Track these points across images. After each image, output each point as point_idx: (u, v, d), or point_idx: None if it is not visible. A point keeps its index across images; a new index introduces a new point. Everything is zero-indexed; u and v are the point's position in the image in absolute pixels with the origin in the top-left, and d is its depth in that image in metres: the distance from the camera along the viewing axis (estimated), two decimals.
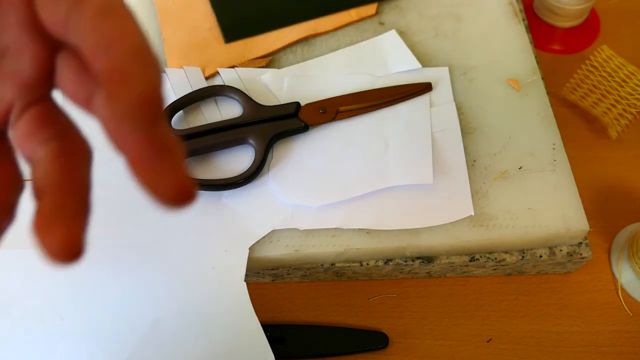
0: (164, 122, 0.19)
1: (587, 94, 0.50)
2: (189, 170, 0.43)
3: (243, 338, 0.38)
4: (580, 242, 0.42)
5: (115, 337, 0.37)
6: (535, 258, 0.41)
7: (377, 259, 0.42)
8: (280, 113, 0.44)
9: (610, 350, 0.42)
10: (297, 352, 0.41)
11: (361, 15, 0.51)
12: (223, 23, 0.51)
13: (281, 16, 0.51)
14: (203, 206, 0.41)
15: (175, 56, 0.49)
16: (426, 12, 0.52)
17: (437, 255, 0.41)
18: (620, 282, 0.44)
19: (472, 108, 0.46)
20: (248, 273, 0.42)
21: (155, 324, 0.38)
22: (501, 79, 0.47)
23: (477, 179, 0.42)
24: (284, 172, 0.43)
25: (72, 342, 0.37)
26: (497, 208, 0.41)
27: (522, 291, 0.44)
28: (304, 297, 0.44)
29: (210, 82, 0.48)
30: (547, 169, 0.43)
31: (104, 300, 0.38)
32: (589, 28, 0.58)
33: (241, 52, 0.49)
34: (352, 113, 0.45)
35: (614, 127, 0.49)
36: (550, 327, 0.42)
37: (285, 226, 0.41)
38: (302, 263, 0.41)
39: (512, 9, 0.51)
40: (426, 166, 0.42)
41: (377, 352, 0.42)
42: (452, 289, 0.44)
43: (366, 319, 0.43)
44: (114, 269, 0.39)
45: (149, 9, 0.53)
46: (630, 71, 0.47)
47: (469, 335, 0.42)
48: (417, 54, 0.49)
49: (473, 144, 0.44)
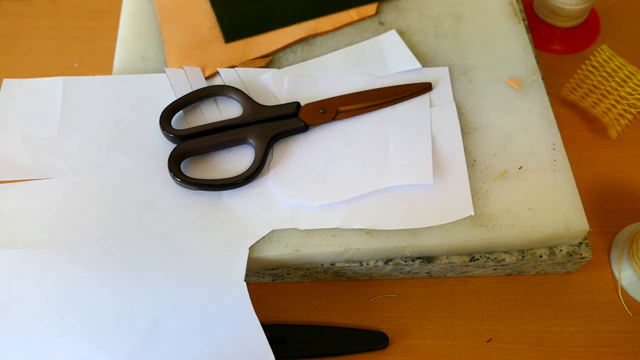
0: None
1: (587, 94, 0.50)
2: (189, 170, 0.43)
3: (243, 338, 0.37)
4: (580, 242, 0.42)
5: (115, 337, 0.37)
6: (535, 258, 0.41)
7: (377, 259, 0.42)
8: (280, 113, 0.44)
9: (610, 350, 0.42)
10: (297, 352, 0.41)
11: (361, 15, 0.51)
12: (223, 23, 0.51)
13: (281, 16, 0.51)
14: (203, 206, 0.41)
15: (175, 56, 0.49)
16: (426, 12, 0.52)
17: (437, 255, 0.41)
18: (620, 282, 0.44)
19: (472, 108, 0.46)
20: (248, 273, 0.42)
21: (156, 324, 0.38)
22: (501, 79, 0.47)
23: (477, 179, 0.42)
24: (284, 172, 0.43)
25: (72, 342, 0.37)
26: (497, 208, 0.41)
27: (522, 291, 0.44)
28: (304, 297, 0.44)
29: (210, 82, 0.48)
30: (547, 169, 0.43)
31: (104, 300, 0.38)
32: (589, 28, 0.58)
33: (241, 52, 0.49)
34: (352, 113, 0.45)
35: (614, 127, 0.49)
36: (550, 327, 0.42)
37: (285, 226, 0.41)
38: (302, 263, 0.41)
39: (512, 9, 0.51)
40: (426, 166, 0.42)
41: (377, 352, 0.42)
42: (452, 289, 0.44)
43: (366, 319, 0.43)
44: (114, 268, 0.39)
45: (149, 9, 0.53)
46: (630, 71, 0.47)
47: (469, 335, 0.42)
48: (417, 54, 0.49)
49: (473, 144, 0.44)
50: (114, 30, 0.53)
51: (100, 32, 0.59)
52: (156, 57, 0.49)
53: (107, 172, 0.43)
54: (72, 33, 0.59)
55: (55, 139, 0.45)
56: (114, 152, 0.44)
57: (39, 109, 0.46)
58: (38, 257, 0.40)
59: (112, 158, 0.44)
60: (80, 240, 0.40)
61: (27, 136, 0.45)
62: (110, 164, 0.44)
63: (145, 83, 0.47)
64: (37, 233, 0.41)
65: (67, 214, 0.41)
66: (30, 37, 0.59)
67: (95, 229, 0.41)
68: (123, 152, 0.44)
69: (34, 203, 0.42)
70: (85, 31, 0.59)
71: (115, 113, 0.46)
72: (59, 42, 0.59)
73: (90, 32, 0.59)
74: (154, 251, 0.40)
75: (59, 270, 0.39)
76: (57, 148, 0.44)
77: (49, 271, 0.39)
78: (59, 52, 0.58)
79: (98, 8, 0.61)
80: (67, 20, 0.60)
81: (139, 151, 0.44)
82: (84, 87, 0.47)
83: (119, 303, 0.38)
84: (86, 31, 0.59)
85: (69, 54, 0.58)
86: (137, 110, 0.46)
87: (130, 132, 0.45)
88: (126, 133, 0.45)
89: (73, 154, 0.44)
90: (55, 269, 0.39)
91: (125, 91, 0.47)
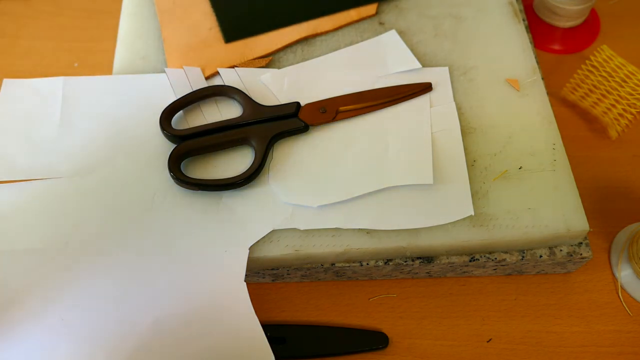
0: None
1: (587, 94, 0.50)
2: (189, 170, 0.43)
3: (243, 338, 0.37)
4: (580, 242, 0.42)
5: (115, 337, 0.37)
6: (535, 258, 0.41)
7: (377, 259, 0.42)
8: (280, 113, 0.44)
9: (610, 350, 0.42)
10: (297, 352, 0.41)
11: (361, 15, 0.51)
12: (223, 23, 0.51)
13: (281, 16, 0.51)
14: (203, 206, 0.41)
15: (175, 56, 0.49)
16: (426, 12, 0.52)
17: (437, 255, 0.41)
18: (620, 282, 0.44)
19: (472, 108, 0.46)
20: (248, 273, 0.42)
21: (156, 324, 0.38)
22: (501, 79, 0.47)
23: (477, 179, 0.42)
24: (284, 172, 0.43)
25: (72, 342, 0.37)
26: (497, 208, 0.41)
27: (522, 291, 0.44)
28: (304, 297, 0.44)
29: (210, 82, 0.48)
30: (547, 169, 0.43)
31: (104, 300, 0.38)
32: (589, 28, 0.58)
33: (241, 52, 0.49)
34: (352, 113, 0.45)
35: (614, 127, 0.49)
36: (550, 327, 0.42)
37: (285, 226, 0.41)
38: (302, 263, 0.41)
39: (512, 9, 0.51)
40: (426, 166, 0.42)
41: (377, 352, 0.42)
42: (452, 289, 0.44)
43: (366, 319, 0.43)
44: (114, 268, 0.39)
45: (149, 9, 0.53)
46: (630, 71, 0.47)
47: (469, 335, 0.42)
48: (417, 54, 0.49)
49: (473, 144, 0.44)
50: (114, 30, 0.53)
51: (100, 32, 0.59)
52: (156, 57, 0.49)
53: (107, 172, 0.43)
54: (72, 33, 0.59)
55: (55, 139, 0.45)
56: (114, 152, 0.44)
57: (39, 109, 0.46)
58: (38, 257, 0.40)
59: (111, 158, 0.44)
60: (80, 240, 0.40)
61: (27, 136, 0.45)
62: (110, 164, 0.44)
63: (145, 83, 0.47)
64: (37, 233, 0.41)
65: (67, 214, 0.41)
66: (30, 37, 0.59)
67: (95, 229, 0.41)
68: (123, 152, 0.44)
69: (34, 203, 0.42)
70: (85, 31, 0.59)
71: (115, 113, 0.46)
72: (59, 42, 0.59)
73: (90, 32, 0.59)
74: (153, 251, 0.40)
75: (59, 270, 0.39)
76: (57, 148, 0.44)
77: (49, 271, 0.39)
78: (59, 52, 0.58)
79: (98, 8, 0.61)
80: (67, 20, 0.60)
81: (138, 151, 0.44)
82: (84, 87, 0.47)
83: (119, 303, 0.38)
84: (86, 31, 0.59)
85: (69, 54, 0.58)
86: (137, 110, 0.46)
87: (130, 132, 0.45)
88: (126, 133, 0.45)
89: (73, 154, 0.44)
90: (55, 269, 0.39)
91: (125, 91, 0.47)
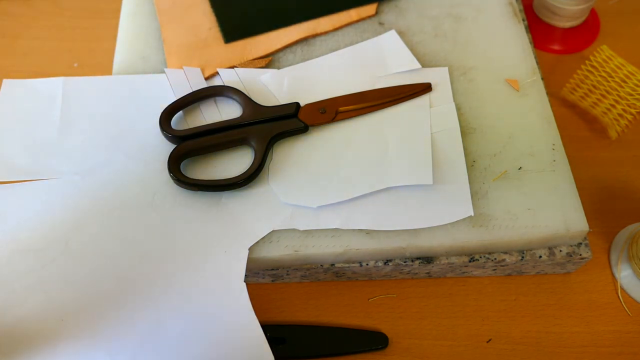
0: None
1: (587, 94, 0.50)
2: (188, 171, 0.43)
3: (243, 338, 0.37)
4: (580, 242, 0.42)
5: (115, 337, 0.37)
6: (535, 258, 0.41)
7: (376, 260, 0.42)
8: (280, 113, 0.44)
9: (610, 351, 0.42)
10: (297, 352, 0.41)
11: (361, 15, 0.51)
12: (223, 23, 0.51)
13: (281, 16, 0.51)
14: (203, 207, 0.41)
15: (175, 56, 0.49)
16: (426, 12, 0.52)
17: (437, 255, 0.41)
18: (619, 282, 0.44)
19: (472, 108, 0.46)
20: (248, 273, 0.42)
21: (156, 324, 0.38)
22: (501, 79, 0.47)
23: (477, 179, 0.42)
24: (284, 172, 0.43)
25: (72, 342, 0.37)
26: (496, 208, 0.41)
27: (522, 291, 0.44)
28: (304, 297, 0.44)
29: (210, 83, 0.48)
30: (547, 169, 0.43)
31: (104, 300, 0.38)
32: (589, 28, 0.58)
33: (241, 52, 0.49)
34: (352, 113, 0.45)
35: (614, 127, 0.49)
36: (550, 327, 0.42)
37: (285, 226, 0.41)
38: (302, 263, 0.41)
39: (512, 9, 0.51)
40: (426, 166, 0.42)
41: (377, 352, 0.42)
42: (452, 289, 0.44)
43: (366, 319, 0.43)
44: (113, 269, 0.39)
45: (149, 9, 0.53)
46: (630, 71, 0.47)
47: (469, 335, 0.42)
48: (417, 54, 0.49)
49: (473, 144, 0.44)
50: (114, 30, 0.53)
51: (100, 32, 0.59)
52: (156, 57, 0.49)
53: (107, 172, 0.43)
54: (72, 33, 0.59)
55: (55, 139, 0.45)
56: (114, 152, 0.44)
57: (39, 109, 0.46)
58: (38, 257, 0.40)
59: (112, 158, 0.44)
60: (80, 240, 0.40)
61: (27, 136, 0.45)
62: (110, 164, 0.44)
63: (145, 83, 0.47)
64: (37, 233, 0.41)
65: (67, 214, 0.41)
66: (30, 37, 0.59)
67: (95, 229, 0.41)
68: (123, 152, 0.44)
69: (34, 203, 0.42)
70: (85, 31, 0.59)
71: (115, 113, 0.46)
72: (59, 42, 0.59)
73: (90, 32, 0.59)
74: (153, 251, 0.40)
75: (59, 270, 0.39)
76: (57, 148, 0.44)
77: (49, 271, 0.39)
78: (59, 52, 0.58)
79: (98, 8, 0.61)
80: (67, 20, 0.60)
81: (138, 151, 0.44)
82: (84, 87, 0.47)
83: (119, 303, 0.38)
84: (86, 31, 0.59)
85: (69, 54, 0.58)
86: (137, 110, 0.46)
87: (130, 132, 0.45)
88: (126, 133, 0.45)
89: (73, 154, 0.44)
90: (55, 269, 0.39)
91: (125, 91, 0.47)
